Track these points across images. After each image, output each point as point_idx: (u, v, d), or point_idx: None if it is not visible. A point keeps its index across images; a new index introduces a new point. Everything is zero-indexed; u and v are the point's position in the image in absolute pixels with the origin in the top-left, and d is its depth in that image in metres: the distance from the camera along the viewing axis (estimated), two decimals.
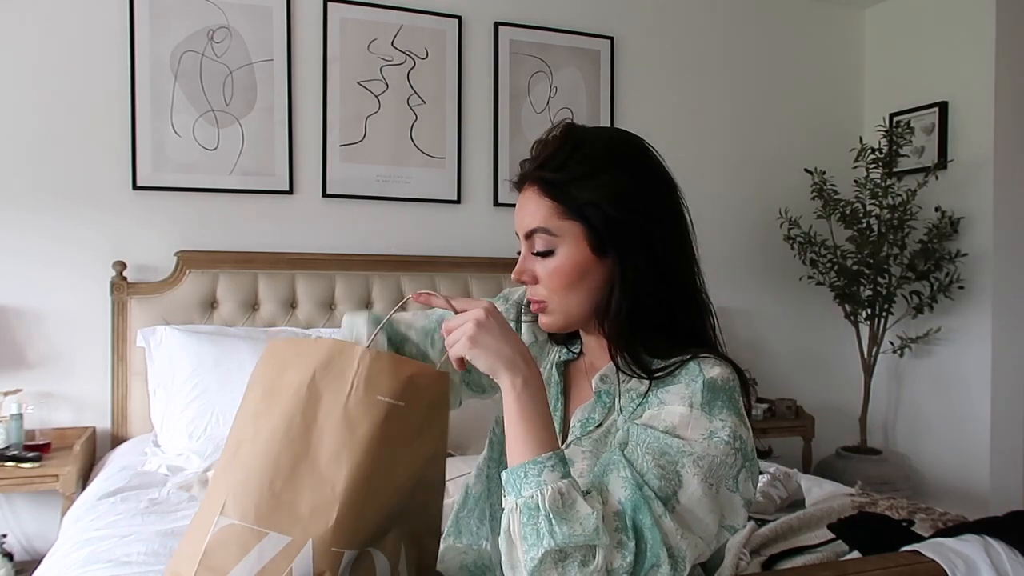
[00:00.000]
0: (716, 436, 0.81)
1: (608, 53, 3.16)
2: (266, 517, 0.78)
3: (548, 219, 0.90)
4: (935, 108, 3.28)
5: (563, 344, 1.05)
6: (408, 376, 0.84)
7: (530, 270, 0.93)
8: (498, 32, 2.99)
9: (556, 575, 0.74)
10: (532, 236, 0.92)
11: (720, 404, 0.83)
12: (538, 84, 3.06)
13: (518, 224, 0.94)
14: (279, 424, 0.81)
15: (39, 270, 2.46)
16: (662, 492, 0.78)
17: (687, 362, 0.87)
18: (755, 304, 3.38)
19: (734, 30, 3.42)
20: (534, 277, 0.93)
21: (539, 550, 0.73)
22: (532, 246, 0.92)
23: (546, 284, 0.91)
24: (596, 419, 0.94)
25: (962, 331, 3.21)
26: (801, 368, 3.48)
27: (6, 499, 2.39)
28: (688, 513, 0.78)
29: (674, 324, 0.91)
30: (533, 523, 0.74)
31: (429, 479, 0.88)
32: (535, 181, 0.92)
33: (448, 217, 2.95)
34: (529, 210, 0.92)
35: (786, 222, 3.25)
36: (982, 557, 1.15)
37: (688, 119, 3.31)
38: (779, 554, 1.55)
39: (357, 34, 2.81)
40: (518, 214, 0.94)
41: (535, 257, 0.92)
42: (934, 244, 3.10)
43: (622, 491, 0.78)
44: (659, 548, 0.75)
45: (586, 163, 0.90)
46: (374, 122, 2.84)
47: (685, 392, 0.84)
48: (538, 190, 0.91)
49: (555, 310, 0.92)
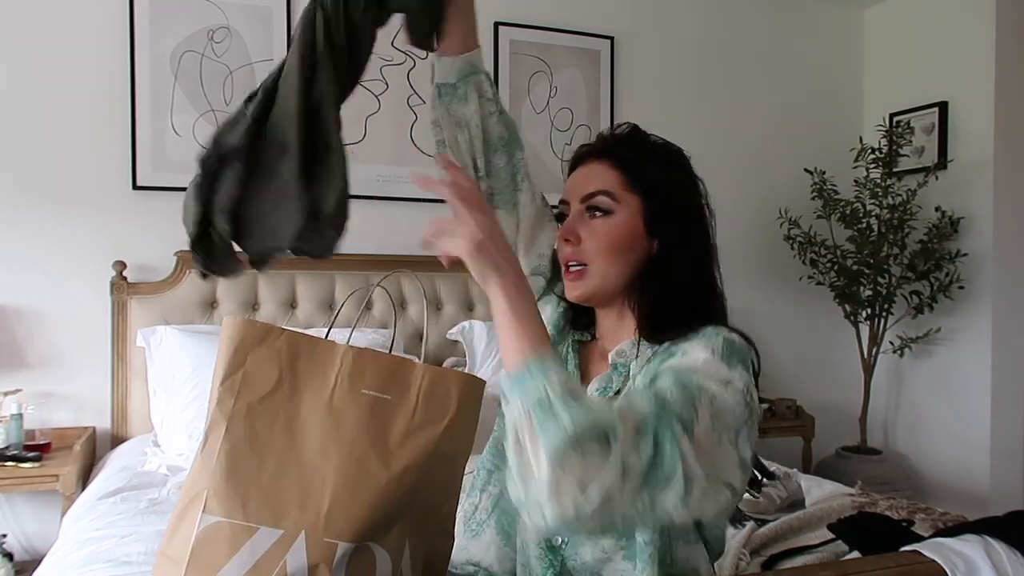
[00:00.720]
0: (732, 385, 0.83)
1: (608, 53, 3.16)
2: (255, 512, 0.77)
3: (614, 185, 0.98)
4: (935, 108, 3.28)
5: (582, 329, 1.09)
6: (391, 370, 0.85)
7: (576, 231, 0.98)
8: (498, 32, 2.99)
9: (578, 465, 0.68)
10: (592, 198, 0.98)
11: (736, 360, 0.87)
12: (538, 84, 3.06)
13: (576, 188, 1.00)
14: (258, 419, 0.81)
15: (39, 270, 2.46)
16: (683, 418, 0.75)
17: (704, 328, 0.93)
18: (755, 304, 3.37)
19: (734, 30, 3.42)
20: (579, 238, 0.98)
21: (559, 437, 0.68)
22: (585, 209, 0.98)
23: (595, 244, 0.97)
24: (614, 387, 0.98)
25: (962, 331, 3.21)
26: (801, 368, 3.48)
27: (6, 499, 2.39)
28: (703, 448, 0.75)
29: (696, 309, 0.98)
30: (547, 413, 0.70)
31: (438, 477, 0.87)
32: (606, 154, 1.00)
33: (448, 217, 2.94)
34: (595, 176, 0.99)
35: (786, 222, 3.25)
36: (982, 557, 1.15)
37: (688, 119, 3.31)
38: (779, 554, 1.55)
39: None
40: (578, 180, 1.01)
41: (585, 221, 0.98)
42: (934, 244, 3.10)
43: (646, 405, 0.75)
44: (676, 463, 0.72)
45: (653, 152, 1.01)
46: (374, 122, 2.84)
47: (707, 343, 0.89)
48: (609, 162, 0.99)
49: (594, 274, 0.98)
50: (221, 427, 0.80)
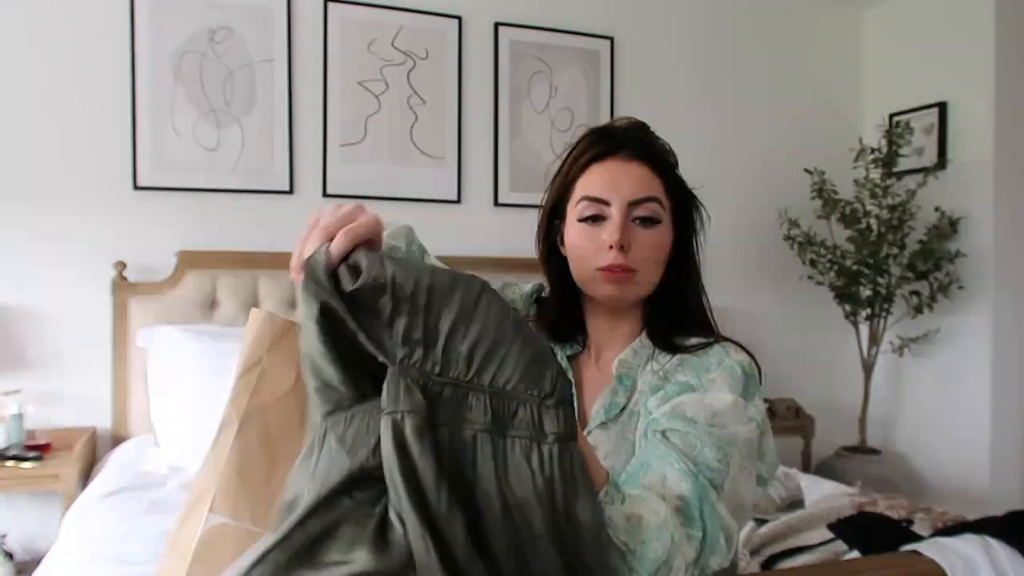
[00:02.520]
0: (752, 420, 0.88)
1: (608, 53, 3.17)
2: (262, 517, 0.74)
3: (660, 192, 0.97)
4: (935, 108, 3.28)
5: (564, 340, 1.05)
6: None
7: (628, 239, 0.95)
8: (498, 32, 3.00)
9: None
10: (640, 204, 0.95)
11: (752, 389, 0.91)
12: (538, 84, 3.07)
13: (620, 189, 0.95)
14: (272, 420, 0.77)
15: (39, 270, 2.46)
16: (715, 479, 0.81)
17: (712, 345, 0.94)
18: (755, 304, 3.37)
19: (734, 30, 3.42)
20: (631, 245, 0.95)
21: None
22: (632, 214, 0.95)
23: (647, 253, 0.95)
24: (620, 403, 0.96)
25: (962, 331, 3.21)
26: (801, 368, 3.48)
27: (6, 499, 2.39)
28: (732, 496, 0.82)
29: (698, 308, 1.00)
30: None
31: None
32: (648, 156, 0.98)
33: (448, 217, 2.95)
34: (642, 179, 0.96)
35: (786, 222, 3.25)
36: (982, 557, 1.15)
37: (688, 119, 3.31)
38: (779, 554, 1.55)
39: (357, 34, 2.81)
40: (623, 179, 0.96)
41: (632, 227, 0.95)
42: (934, 244, 3.10)
43: (683, 484, 0.79)
44: (718, 532, 0.78)
45: (671, 155, 1.02)
46: (374, 122, 2.84)
47: (731, 381, 0.90)
48: (649, 165, 0.97)
49: (639, 283, 0.96)
50: (233, 426, 0.77)
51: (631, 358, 0.98)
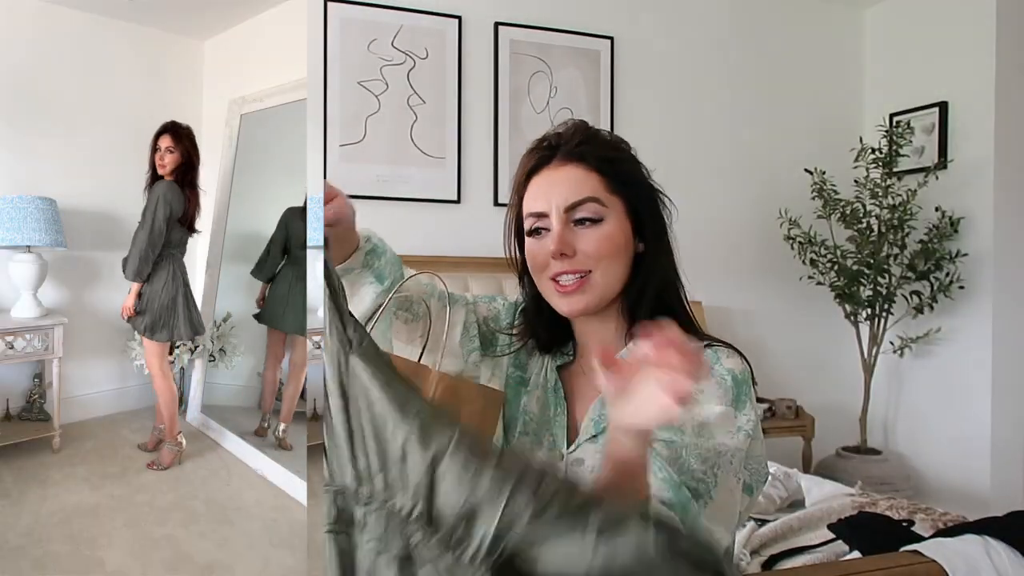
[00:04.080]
0: (742, 430, 0.87)
1: (608, 53, 3.16)
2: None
3: (598, 190, 0.93)
4: (935, 108, 3.27)
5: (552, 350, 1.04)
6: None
7: (571, 244, 0.93)
8: (498, 32, 2.99)
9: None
10: (577, 207, 0.93)
11: (744, 398, 0.89)
12: (538, 84, 3.06)
13: (556, 197, 0.94)
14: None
15: None
16: (699, 490, 0.81)
17: (702, 350, 0.93)
18: (755, 304, 3.37)
19: (734, 30, 3.42)
20: (574, 250, 0.93)
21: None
22: (571, 218, 0.93)
23: (594, 253, 0.93)
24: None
25: (962, 331, 3.20)
26: (801, 368, 3.47)
27: None
28: (719, 507, 0.82)
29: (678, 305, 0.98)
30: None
31: None
32: (580, 156, 0.94)
33: (448, 217, 2.95)
34: (575, 182, 0.94)
35: (786, 222, 3.24)
36: (982, 557, 1.15)
37: (688, 119, 3.31)
38: (779, 554, 1.55)
39: (357, 34, 2.81)
40: (556, 187, 0.94)
41: (574, 232, 0.93)
42: (934, 244, 3.10)
43: (665, 492, 0.80)
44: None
45: (619, 149, 0.97)
46: (374, 122, 2.84)
47: (719, 392, 0.89)
48: (583, 165, 0.94)
49: (596, 283, 0.93)
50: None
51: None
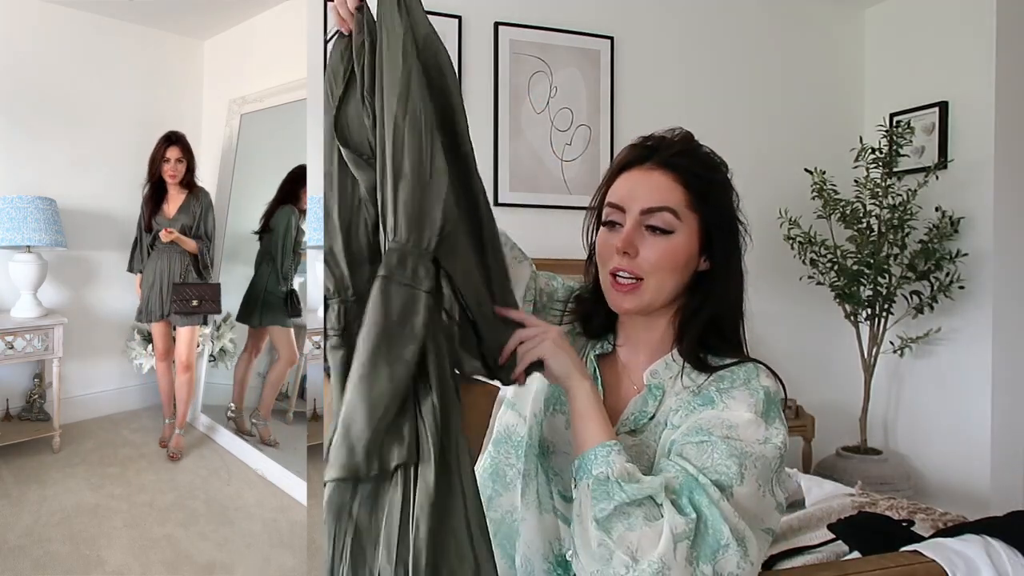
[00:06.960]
0: (770, 442, 0.88)
1: (608, 53, 3.16)
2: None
3: (678, 203, 0.96)
4: (935, 108, 3.27)
5: (597, 338, 1.09)
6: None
7: (635, 245, 0.96)
8: (498, 32, 2.99)
9: (622, 527, 0.78)
10: (652, 213, 0.96)
11: (773, 414, 0.91)
12: (538, 84, 3.06)
13: (635, 197, 0.97)
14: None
15: None
16: (721, 481, 0.83)
17: (742, 364, 0.96)
18: (755, 304, 3.34)
19: (734, 30, 3.41)
20: (637, 251, 0.96)
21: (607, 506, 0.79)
22: (644, 222, 0.96)
23: (653, 262, 0.96)
24: (649, 412, 0.99)
25: (962, 331, 3.20)
26: (801, 368, 3.47)
27: None
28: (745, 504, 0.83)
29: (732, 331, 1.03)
30: (604, 489, 0.81)
31: None
32: (672, 166, 0.97)
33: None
34: (659, 188, 0.97)
35: (786, 222, 3.24)
36: (982, 557, 1.15)
37: (688, 119, 3.27)
38: (779, 554, 1.55)
39: None
40: (638, 188, 0.98)
41: (643, 235, 0.96)
42: (934, 244, 3.10)
43: (676, 479, 0.84)
44: (721, 525, 0.79)
45: (712, 168, 1.00)
46: None
47: (751, 400, 0.91)
48: (673, 175, 0.97)
49: (648, 289, 0.97)
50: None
51: (662, 370, 1.00)
